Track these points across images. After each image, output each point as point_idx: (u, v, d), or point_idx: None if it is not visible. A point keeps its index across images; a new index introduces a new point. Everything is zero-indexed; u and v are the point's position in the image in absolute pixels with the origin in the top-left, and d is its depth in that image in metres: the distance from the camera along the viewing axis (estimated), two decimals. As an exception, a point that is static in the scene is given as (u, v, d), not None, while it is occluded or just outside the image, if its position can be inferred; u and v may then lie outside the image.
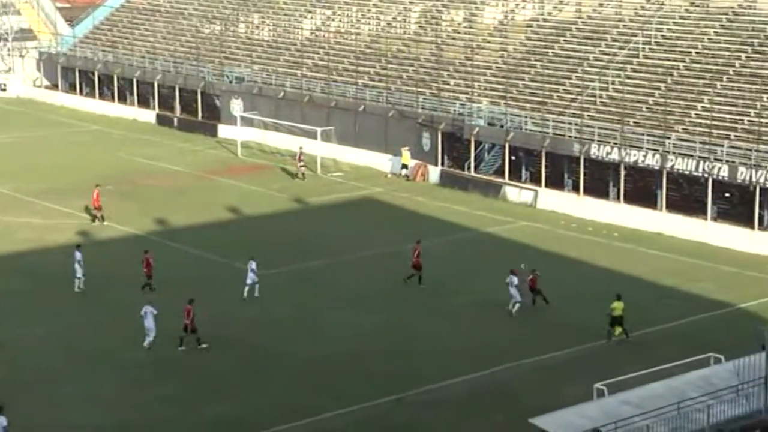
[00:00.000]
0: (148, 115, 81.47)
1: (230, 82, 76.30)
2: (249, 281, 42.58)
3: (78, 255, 43.73)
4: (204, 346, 37.58)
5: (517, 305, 40.97)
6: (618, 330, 38.50)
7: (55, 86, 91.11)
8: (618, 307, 38.58)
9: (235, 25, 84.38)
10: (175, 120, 79.25)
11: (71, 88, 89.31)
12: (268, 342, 38.91)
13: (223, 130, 74.90)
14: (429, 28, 73.53)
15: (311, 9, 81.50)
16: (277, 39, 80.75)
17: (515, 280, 41.02)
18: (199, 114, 78.39)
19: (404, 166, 63.84)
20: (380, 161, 66.10)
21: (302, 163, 64.21)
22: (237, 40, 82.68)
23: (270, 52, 79.20)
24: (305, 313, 41.81)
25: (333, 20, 79.46)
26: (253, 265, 42.65)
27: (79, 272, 43.45)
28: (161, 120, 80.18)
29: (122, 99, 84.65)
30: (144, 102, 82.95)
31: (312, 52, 76.23)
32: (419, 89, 66.47)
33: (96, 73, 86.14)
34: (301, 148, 65.16)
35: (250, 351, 37.94)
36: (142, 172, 64.73)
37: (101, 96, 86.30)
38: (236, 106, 74.14)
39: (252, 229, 52.71)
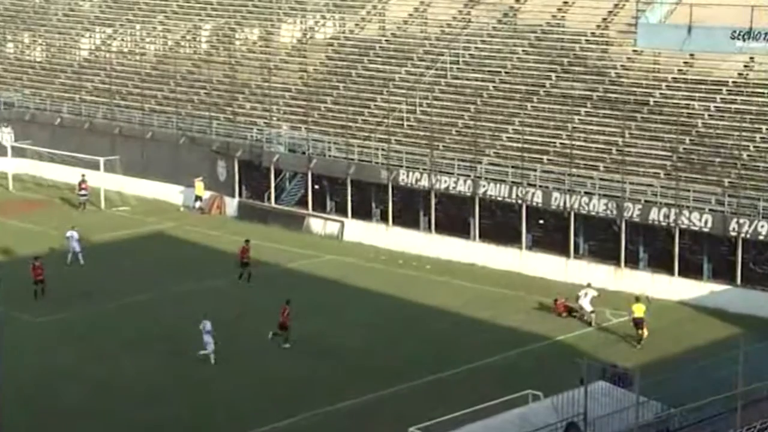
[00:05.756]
0: None
1: (-2, 108, 74.42)
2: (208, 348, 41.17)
3: None
4: (287, 346, 41.54)
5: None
6: (642, 332, 42.41)
7: None
8: (638, 309, 42.22)
9: (2, 44, 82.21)
10: (-65, 151, 76.54)
11: None
12: (43, 392, 38.15)
13: (-8, 162, 72.91)
14: (221, 47, 73.46)
15: (89, 27, 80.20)
16: (52, 60, 79.08)
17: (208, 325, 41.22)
18: (-37, 144, 76.00)
19: (198, 198, 63.47)
20: (171, 193, 65.53)
21: (84, 192, 63.20)
22: (5, 61, 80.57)
23: (43, 75, 77.53)
24: (84, 363, 41.09)
25: (114, 39, 78.39)
26: (207, 326, 41.09)
27: None
28: None
29: None
30: None
31: (92, 74, 75.00)
32: (212, 114, 66.28)
33: None
34: (83, 175, 64.22)
35: (18, 406, 36.86)
36: None
37: None
38: (6, 135, 72.19)
39: (27, 272, 51.28)
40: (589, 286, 46.16)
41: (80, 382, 39.58)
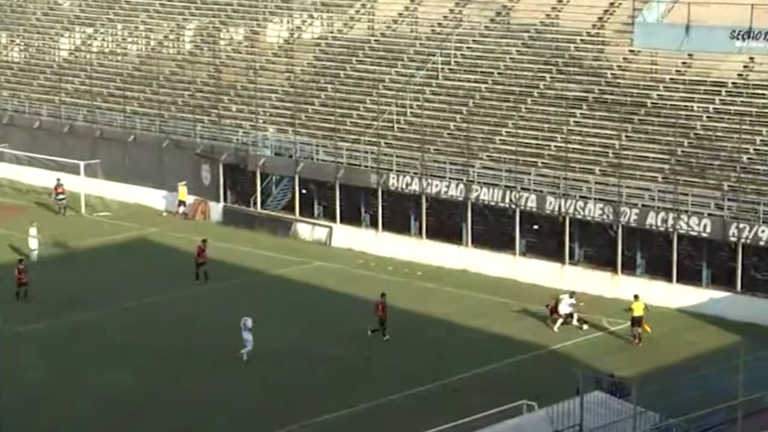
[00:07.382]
0: None
1: (-25, 110, 74.36)
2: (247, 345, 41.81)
3: None
4: (386, 338, 43.52)
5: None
6: (645, 328, 43.49)
7: None
8: (636, 307, 43.15)
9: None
10: None
11: None
12: (41, 397, 38.34)
13: (-32, 167, 72.88)
14: (206, 47, 73.47)
15: (69, 26, 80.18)
16: (30, 60, 79.06)
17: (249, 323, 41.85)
18: (-61, 148, 75.91)
19: (181, 203, 63.48)
20: (154, 198, 65.55)
21: (62, 196, 63.21)
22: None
23: (21, 76, 77.50)
24: (64, 374, 41.09)
25: (95, 39, 78.39)
26: (249, 323, 41.74)
27: None
28: None
29: None
30: None
31: (72, 75, 74.98)
32: (197, 116, 66.29)
33: None
34: (58, 179, 64.25)
35: (17, 411, 36.92)
36: None
37: None
38: (-18, 139, 72.37)
39: (4, 279, 51.31)
40: (571, 296, 46.19)
41: (77, 388, 39.69)
